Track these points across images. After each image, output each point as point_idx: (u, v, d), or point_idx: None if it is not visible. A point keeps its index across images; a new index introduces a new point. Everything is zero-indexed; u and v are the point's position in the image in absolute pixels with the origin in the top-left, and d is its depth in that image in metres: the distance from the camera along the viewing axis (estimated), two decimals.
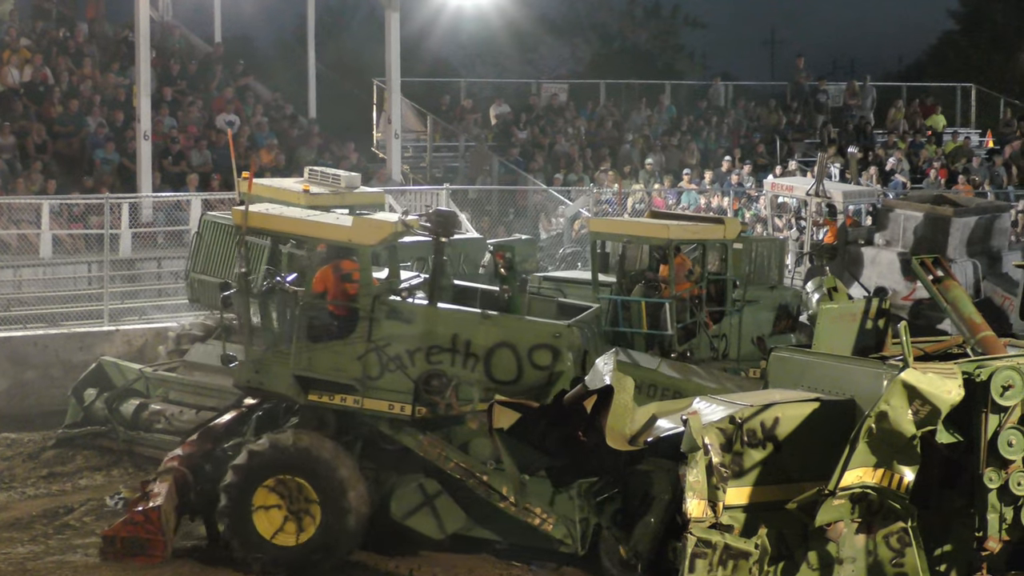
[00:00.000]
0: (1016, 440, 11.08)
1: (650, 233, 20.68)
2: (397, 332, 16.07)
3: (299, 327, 16.14)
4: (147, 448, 20.40)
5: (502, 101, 37.67)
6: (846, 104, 41.91)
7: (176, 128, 30.39)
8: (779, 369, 12.54)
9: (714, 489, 10.91)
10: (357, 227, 16.40)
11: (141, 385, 20.98)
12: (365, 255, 16.25)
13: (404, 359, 16.02)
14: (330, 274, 16.42)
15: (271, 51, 46.92)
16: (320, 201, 20.47)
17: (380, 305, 16.13)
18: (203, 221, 22.65)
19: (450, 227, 16.63)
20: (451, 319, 16.29)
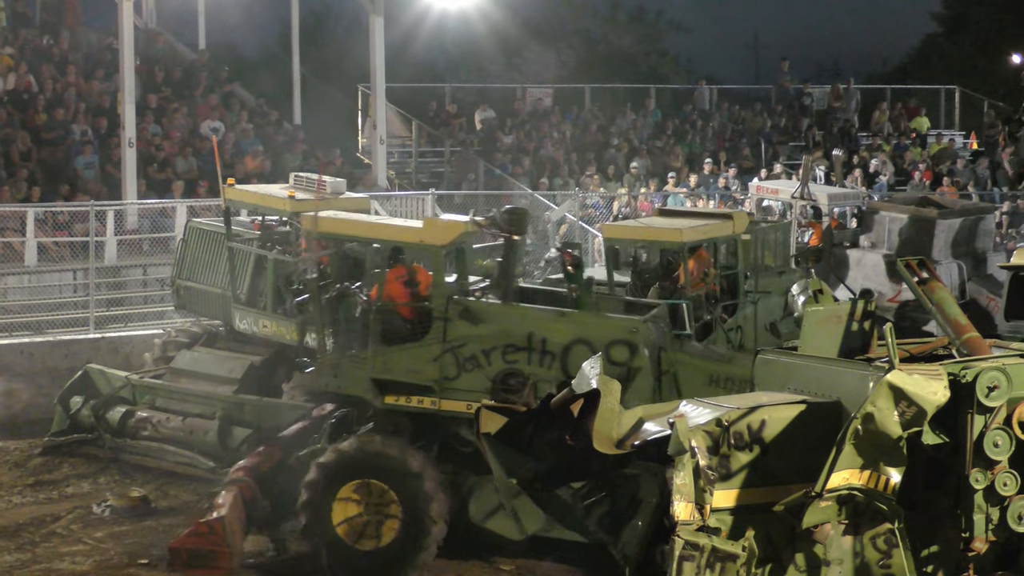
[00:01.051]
0: (1002, 441, 11.09)
1: (663, 237, 20.59)
2: (472, 332, 16.05)
3: (373, 330, 16.11)
4: (134, 455, 20.41)
5: (487, 106, 37.69)
6: (830, 107, 41.99)
7: (161, 135, 30.35)
8: (765, 371, 12.54)
9: (701, 492, 10.91)
10: (428, 228, 16.41)
11: (127, 392, 20.98)
12: (437, 256, 16.24)
13: (480, 359, 15.98)
14: (396, 277, 16.41)
15: (255, 57, 46.83)
16: (305, 207, 20.42)
17: (454, 305, 16.10)
18: (189, 228, 22.66)
19: (521, 225, 16.62)
20: (526, 317, 16.28)
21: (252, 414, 19.73)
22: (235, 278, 21.04)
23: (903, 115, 42.72)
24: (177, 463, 19.93)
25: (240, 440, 19.48)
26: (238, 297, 21.02)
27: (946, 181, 36.66)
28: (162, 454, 20.11)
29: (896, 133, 41.44)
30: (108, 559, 16.55)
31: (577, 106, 39.66)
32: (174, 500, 18.97)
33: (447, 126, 36.89)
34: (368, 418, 16.74)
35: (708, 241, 20.82)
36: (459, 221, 16.88)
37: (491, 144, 35.80)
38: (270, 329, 20.63)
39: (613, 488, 13.01)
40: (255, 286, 20.97)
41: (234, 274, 21.04)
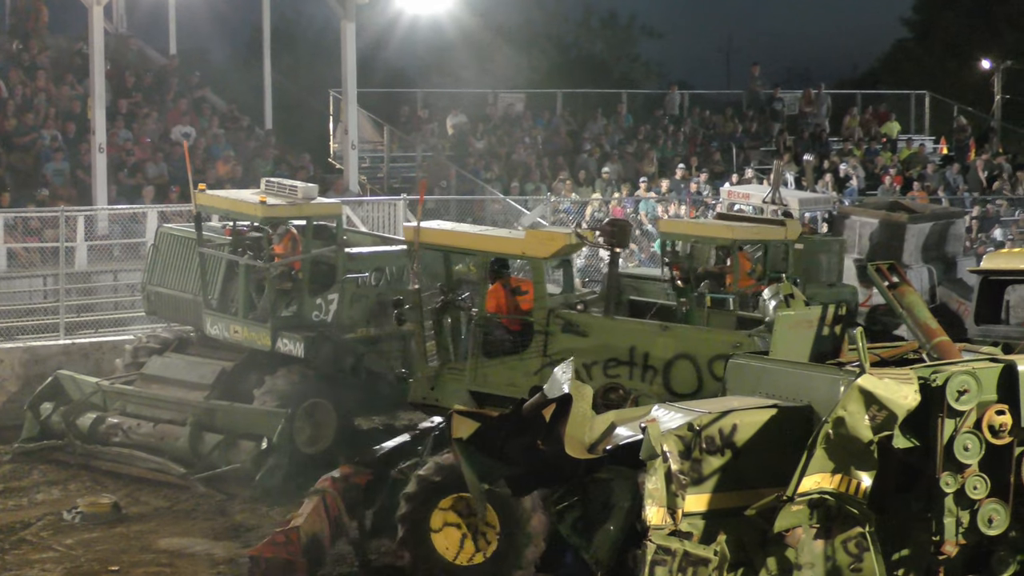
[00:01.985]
0: (972, 444, 11.14)
1: (715, 234, 21.52)
2: (573, 345, 15.94)
3: (473, 343, 15.97)
4: (104, 462, 20.32)
5: (459, 111, 37.68)
6: (801, 112, 42.12)
7: (131, 140, 30.26)
8: (737, 376, 12.57)
9: (673, 496, 10.92)
10: (531, 240, 16.29)
11: (98, 398, 20.89)
12: (539, 268, 16.11)
13: (581, 373, 15.74)
14: (500, 290, 16.28)
15: (226, 63, 46.75)
16: (277, 212, 20.39)
17: (555, 319, 15.98)
18: (159, 233, 22.60)
19: (625, 237, 16.52)
20: (629, 331, 16.16)
21: (223, 420, 19.65)
22: (206, 283, 21.00)
23: (873, 120, 42.90)
24: (148, 469, 19.83)
25: (211, 446, 19.42)
26: (209, 302, 20.98)
27: (916, 186, 36.83)
28: (133, 460, 20.02)
29: (866, 138, 41.60)
30: (78, 566, 16.46)
31: (549, 111, 39.69)
32: (145, 506, 18.88)
33: (419, 131, 36.87)
34: None
35: (759, 242, 21.56)
36: (561, 233, 16.77)
37: (463, 149, 35.80)
38: (241, 334, 20.59)
39: (585, 493, 13.00)
40: (226, 291, 20.94)
41: (205, 279, 21.00)
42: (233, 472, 19.18)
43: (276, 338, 20.27)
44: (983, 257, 18.42)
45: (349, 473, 16.32)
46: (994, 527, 11.28)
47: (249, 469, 19.07)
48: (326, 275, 20.86)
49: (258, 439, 19.14)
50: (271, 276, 20.36)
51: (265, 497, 18.77)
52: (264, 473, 18.89)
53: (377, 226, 28.36)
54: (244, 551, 16.57)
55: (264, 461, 18.99)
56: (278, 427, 19.00)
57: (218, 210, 21.56)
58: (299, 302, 20.56)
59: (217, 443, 19.42)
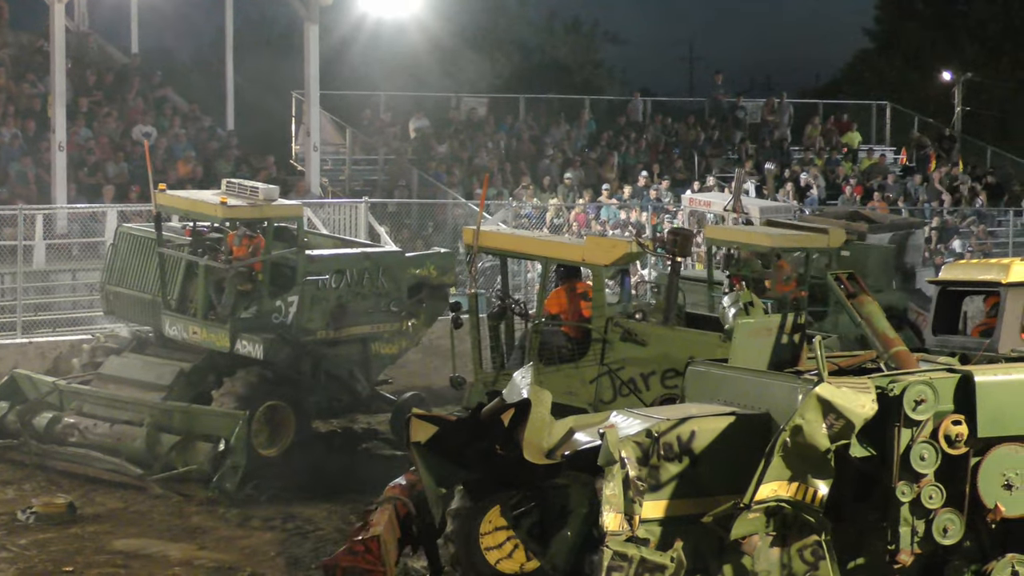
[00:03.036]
0: (928, 454, 11.19)
1: (755, 240, 21.89)
2: (632, 355, 15.87)
3: (531, 349, 15.85)
4: (60, 462, 20.18)
5: (422, 115, 37.65)
6: (763, 120, 42.28)
7: (92, 139, 30.11)
8: (696, 383, 12.60)
9: (630, 502, 10.93)
10: (591, 247, 16.18)
11: (55, 398, 20.76)
12: (599, 275, 16.00)
13: (639, 383, 15.74)
14: (564, 295, 16.17)
15: (189, 62, 46.58)
16: (238, 214, 20.29)
17: (614, 327, 15.85)
18: (119, 233, 22.48)
19: (687, 247, 16.41)
20: (688, 341, 16.01)
21: (181, 421, 19.54)
22: (165, 284, 20.91)
23: (835, 130, 43.10)
24: (104, 470, 19.71)
25: (168, 447, 19.33)
26: (168, 303, 20.88)
27: (876, 196, 37.00)
28: (89, 460, 19.90)
29: (828, 147, 41.79)
30: (32, 567, 16.34)
31: (512, 116, 39.70)
32: (100, 507, 18.78)
33: (381, 134, 36.83)
34: None
35: (799, 249, 21.91)
36: (622, 241, 16.69)
37: (425, 153, 35.77)
38: (200, 336, 20.52)
39: (543, 498, 12.99)
40: (185, 292, 20.86)
41: (164, 280, 20.91)
42: (190, 474, 19.10)
43: (235, 340, 20.20)
44: (941, 268, 18.55)
45: (415, 480, 16.14)
46: (949, 537, 11.33)
47: (206, 471, 18.98)
48: (286, 277, 20.81)
49: (215, 441, 19.05)
50: (231, 277, 20.29)
51: (222, 499, 18.69)
52: (221, 475, 18.81)
53: (338, 229, 28.33)
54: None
55: (221, 463, 18.90)
56: (236, 429, 18.92)
57: (178, 210, 21.45)
58: (259, 304, 20.50)
59: (174, 444, 19.30)
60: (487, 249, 16.85)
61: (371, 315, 21.33)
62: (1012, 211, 37.84)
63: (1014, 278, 15.39)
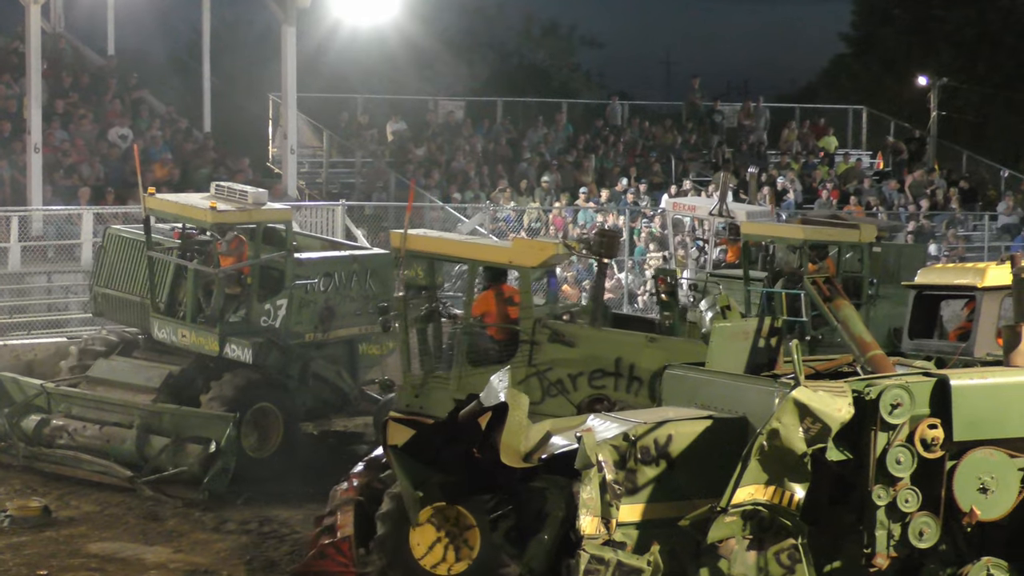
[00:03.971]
0: (904, 458, 11.20)
1: (787, 234, 23.24)
2: (559, 356, 15.89)
3: (459, 351, 15.85)
4: (48, 464, 20.21)
5: (399, 118, 37.63)
6: (740, 124, 42.36)
7: (68, 141, 30.01)
8: (673, 387, 12.59)
9: (607, 506, 10.92)
10: (518, 250, 16.20)
11: (42, 401, 20.74)
12: (526, 277, 16.01)
13: (566, 383, 15.78)
14: (491, 298, 16.17)
15: (165, 64, 46.48)
16: (227, 218, 20.30)
17: (542, 328, 15.88)
18: (108, 235, 22.45)
19: (613, 249, 16.45)
20: (615, 342, 16.10)
21: (170, 423, 19.58)
22: (154, 287, 20.89)
23: (811, 134, 43.21)
24: (94, 472, 19.74)
25: (158, 449, 19.34)
26: (157, 306, 20.87)
27: (853, 200, 37.09)
28: (78, 463, 19.92)
29: (804, 152, 41.89)
30: (6, 570, 16.28)
31: (489, 119, 39.70)
32: (75, 511, 18.72)
33: (358, 137, 36.80)
34: None
35: (831, 243, 22.99)
36: (550, 243, 16.74)
37: (402, 156, 35.75)
38: (189, 339, 20.50)
39: (519, 502, 12.99)
40: (174, 295, 20.87)
41: (153, 283, 20.89)
42: (180, 475, 19.11)
43: (224, 343, 20.20)
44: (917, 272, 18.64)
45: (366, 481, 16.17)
46: (925, 540, 11.34)
47: (196, 472, 19.01)
48: (275, 280, 20.80)
49: (205, 443, 19.07)
50: (219, 281, 20.28)
51: (211, 500, 18.70)
52: (211, 477, 18.84)
53: (315, 231, 28.27)
54: (201, 561, 16.36)
55: (211, 465, 18.93)
56: (226, 431, 18.94)
57: (167, 214, 21.38)
58: (247, 307, 20.49)
59: (164, 446, 19.36)
60: (415, 252, 16.85)
61: (358, 317, 21.35)
62: (987, 215, 37.99)
63: (990, 282, 15.46)
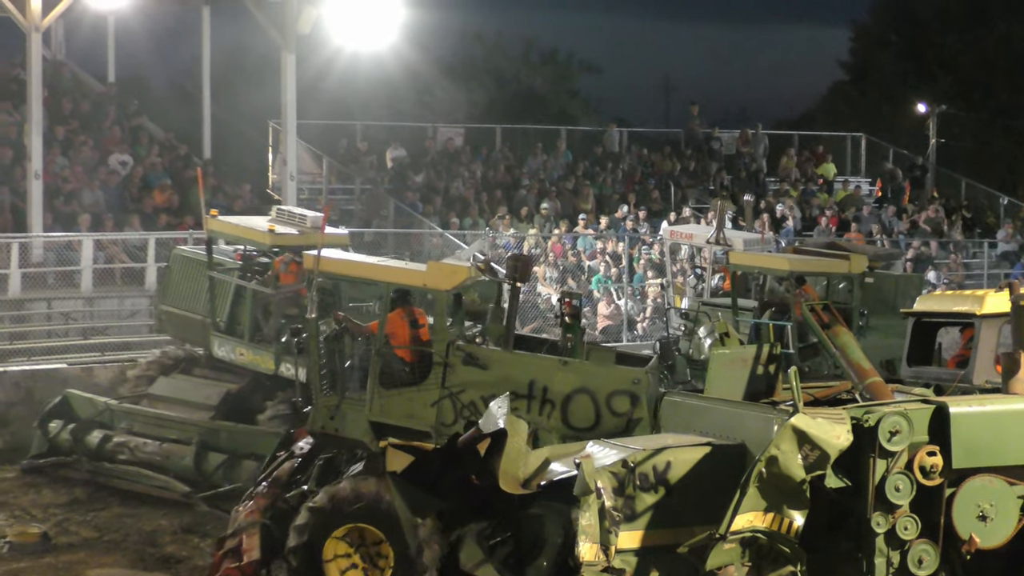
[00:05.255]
0: (903, 485, 11.21)
1: (775, 265, 23.63)
2: (473, 378, 15.93)
3: (372, 373, 15.91)
4: (110, 478, 20.67)
5: (398, 144, 37.68)
6: (739, 151, 42.41)
7: (68, 168, 30.06)
8: (671, 413, 12.61)
9: (606, 533, 10.92)
10: (432, 272, 16.26)
11: (106, 417, 21.30)
12: (440, 300, 16.09)
13: (479, 405, 15.75)
14: (397, 319, 16.23)
15: (165, 91, 46.58)
16: (285, 241, 20.76)
17: (455, 351, 15.95)
18: (173, 255, 23.10)
19: (527, 272, 16.55)
20: (528, 365, 16.17)
21: (228, 440, 19.96)
22: (215, 306, 21.23)
23: (810, 161, 43.25)
24: (152, 487, 20.15)
25: (216, 465, 19.67)
26: (217, 325, 21.37)
27: (854, 227, 37.13)
28: (139, 478, 20.35)
29: (803, 179, 41.92)
30: None
31: (488, 146, 39.76)
32: (74, 536, 18.72)
33: (357, 164, 36.84)
34: (357, 458, 16.53)
35: (819, 274, 23.26)
36: (464, 266, 16.81)
37: (402, 183, 35.79)
38: (247, 357, 20.94)
39: (518, 528, 12.97)
40: (234, 315, 21.28)
41: (214, 302, 21.24)
42: (234, 491, 19.30)
43: (280, 361, 20.52)
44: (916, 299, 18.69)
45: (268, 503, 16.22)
46: (924, 568, 11.34)
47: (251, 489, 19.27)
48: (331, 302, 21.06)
49: (261, 459, 19.23)
50: (277, 301, 20.57)
51: (211, 526, 18.77)
52: None
53: None
54: None
55: None
56: None
57: (228, 236, 21.81)
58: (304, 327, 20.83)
59: (221, 463, 19.68)
60: (329, 274, 16.92)
61: None
62: (986, 242, 38.03)
63: (988, 309, 15.49)
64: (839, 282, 23.67)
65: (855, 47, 64.78)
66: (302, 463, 17.03)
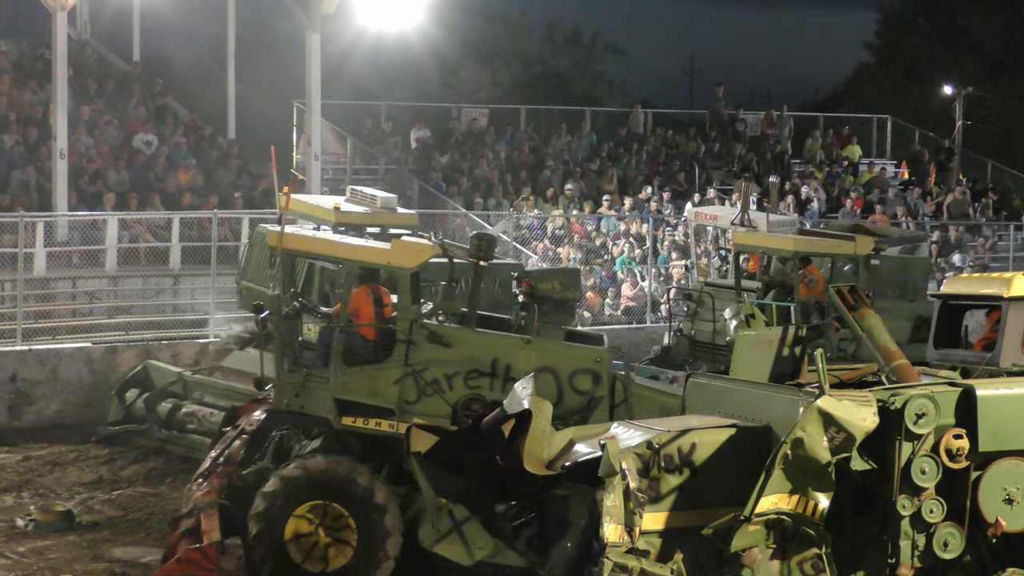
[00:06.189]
0: (929, 468, 11.18)
1: (779, 245, 23.70)
2: (436, 356, 15.98)
3: (336, 350, 15.96)
4: (179, 447, 21.17)
5: (423, 125, 37.64)
6: (763, 133, 42.26)
7: (93, 147, 30.10)
8: (697, 395, 12.58)
9: (631, 514, 10.91)
10: (396, 251, 16.29)
11: (179, 387, 21.85)
12: (404, 279, 16.13)
13: (443, 383, 15.91)
14: (362, 296, 16.28)
15: (190, 71, 46.60)
16: (350, 219, 20.96)
17: (419, 329, 16.00)
18: (255, 232, 23.35)
19: (489, 252, 16.58)
20: (492, 343, 16.24)
21: None
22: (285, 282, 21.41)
23: (835, 143, 43.08)
24: None
25: None
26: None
27: (879, 209, 36.99)
28: (205, 447, 20.41)
29: (828, 161, 41.77)
30: (30, 574, 16.34)
31: (512, 127, 39.68)
32: (98, 515, 18.79)
33: (382, 144, 36.82)
34: (313, 436, 16.58)
35: (824, 255, 23.37)
36: (427, 245, 16.82)
37: (426, 163, 35.76)
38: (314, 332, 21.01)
39: (542, 509, 12.99)
40: (305, 291, 21.34)
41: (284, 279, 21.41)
42: None
43: None
44: (942, 282, 18.64)
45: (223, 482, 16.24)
46: (949, 551, 11.32)
47: None
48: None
49: None
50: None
51: None
52: None
53: None
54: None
55: None
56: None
57: (297, 214, 21.92)
58: None
59: None
60: (293, 251, 16.89)
61: None
62: (1012, 225, 37.86)
63: (1016, 292, 15.37)
64: (844, 264, 23.48)
65: (881, 29, 64.53)
66: (252, 440, 17.05)
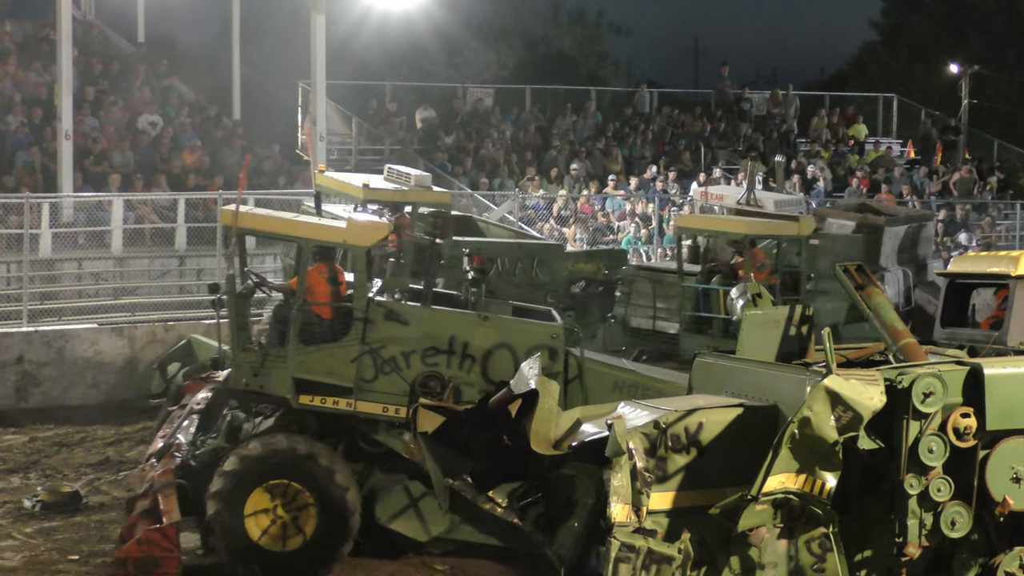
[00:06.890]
0: (936, 447, 11.16)
1: (729, 228, 23.01)
2: (393, 334, 16.02)
3: (293, 329, 15.98)
4: None
5: (428, 105, 37.60)
6: (769, 113, 42.22)
7: (98, 128, 30.09)
8: (703, 374, 12.56)
9: (638, 494, 10.89)
10: (352, 229, 16.28)
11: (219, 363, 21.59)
12: (360, 257, 16.13)
13: (400, 361, 15.96)
14: (316, 275, 16.28)
15: (195, 52, 46.47)
16: (378, 196, 20.89)
17: (375, 307, 16.02)
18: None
19: (448, 229, 16.60)
20: (449, 320, 16.28)
21: None
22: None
23: (841, 122, 43.03)
24: None
25: None
26: None
27: (884, 188, 36.95)
28: None
29: (834, 140, 41.72)
30: (38, 555, 16.37)
31: (518, 107, 39.63)
32: (105, 496, 18.81)
33: (387, 124, 36.79)
34: (267, 414, 16.60)
35: (771, 237, 22.71)
36: (383, 223, 16.82)
37: (431, 143, 35.74)
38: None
39: (549, 489, 12.98)
40: None
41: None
42: None
43: None
44: (950, 260, 18.54)
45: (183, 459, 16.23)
46: (957, 529, 11.30)
47: None
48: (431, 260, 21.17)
49: None
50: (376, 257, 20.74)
51: None
52: None
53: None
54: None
55: None
56: None
57: (330, 190, 21.93)
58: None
59: None
60: (247, 230, 16.83)
61: None
62: (1019, 204, 37.80)
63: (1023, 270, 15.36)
64: (786, 244, 23.19)
65: (887, 7, 64.38)
66: (202, 419, 17.06)
